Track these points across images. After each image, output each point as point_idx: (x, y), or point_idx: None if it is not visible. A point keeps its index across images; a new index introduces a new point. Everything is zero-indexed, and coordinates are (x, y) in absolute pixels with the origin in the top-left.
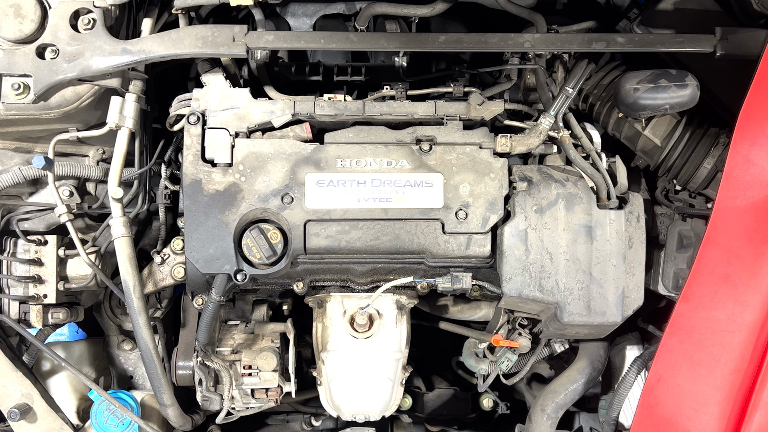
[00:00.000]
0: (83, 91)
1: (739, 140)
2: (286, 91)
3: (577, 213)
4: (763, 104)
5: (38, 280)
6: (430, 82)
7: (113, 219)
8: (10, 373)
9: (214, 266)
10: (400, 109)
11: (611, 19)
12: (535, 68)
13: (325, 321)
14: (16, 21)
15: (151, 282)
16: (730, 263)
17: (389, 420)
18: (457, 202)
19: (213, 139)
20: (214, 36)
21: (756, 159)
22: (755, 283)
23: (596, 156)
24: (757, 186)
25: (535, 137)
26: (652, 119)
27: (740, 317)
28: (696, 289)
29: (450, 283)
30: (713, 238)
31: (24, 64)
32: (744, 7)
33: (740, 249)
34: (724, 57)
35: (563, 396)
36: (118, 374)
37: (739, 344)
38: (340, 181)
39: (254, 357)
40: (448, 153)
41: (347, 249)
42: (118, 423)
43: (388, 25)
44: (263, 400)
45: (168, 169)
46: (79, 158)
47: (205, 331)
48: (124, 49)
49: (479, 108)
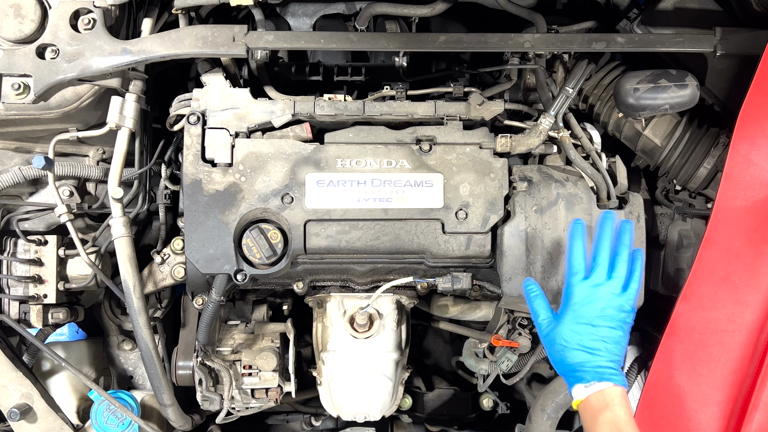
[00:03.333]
0: (83, 91)
1: (739, 140)
2: (286, 91)
3: (577, 213)
4: (763, 104)
5: (38, 280)
6: (430, 82)
7: (113, 219)
8: (10, 373)
9: (214, 266)
10: (400, 109)
11: (611, 19)
12: (535, 68)
13: (325, 321)
14: (16, 21)
15: (151, 282)
16: (730, 263)
17: (389, 420)
18: (457, 202)
19: (213, 139)
20: (214, 36)
21: (756, 159)
22: (755, 283)
23: (596, 156)
24: (757, 186)
25: (535, 137)
26: (652, 119)
27: (740, 317)
28: (696, 289)
29: (450, 283)
30: (713, 238)
31: (24, 64)
32: (744, 7)
33: (740, 249)
34: (724, 57)
35: (563, 396)
36: (118, 374)
37: (739, 344)
38: (340, 181)
39: (254, 357)
40: (448, 153)
41: (347, 249)
42: (118, 423)
43: (388, 25)
44: (263, 400)
45: (168, 169)
46: (79, 158)
47: (205, 331)
48: (124, 49)
49: (479, 108)
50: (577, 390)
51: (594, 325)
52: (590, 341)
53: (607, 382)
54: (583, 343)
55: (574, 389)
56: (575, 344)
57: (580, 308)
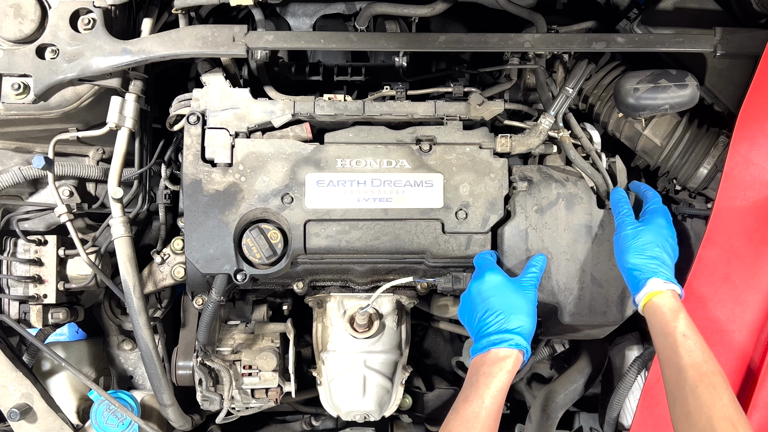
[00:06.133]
0: (83, 91)
1: (739, 140)
2: (286, 91)
3: (577, 213)
4: (762, 104)
5: (38, 280)
6: (430, 82)
7: (113, 219)
8: (10, 373)
9: (214, 266)
10: (400, 109)
11: (611, 19)
12: (535, 68)
13: (325, 321)
14: (16, 21)
15: (151, 282)
16: (730, 263)
17: (389, 420)
18: (457, 202)
19: (213, 139)
20: (214, 36)
21: (756, 159)
22: (755, 283)
23: (596, 156)
24: (757, 186)
25: (535, 137)
26: (652, 119)
27: (740, 317)
28: (696, 289)
29: (450, 283)
30: (713, 238)
31: (24, 64)
32: (744, 7)
33: (740, 249)
34: (724, 57)
35: (563, 396)
36: (118, 374)
37: (739, 344)
38: (340, 181)
39: (254, 357)
40: (448, 153)
41: (347, 249)
42: (118, 423)
43: (388, 25)
44: (263, 400)
45: (168, 169)
46: (79, 158)
47: (205, 331)
48: (124, 49)
49: (479, 108)
50: (656, 283)
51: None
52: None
53: (677, 285)
54: (666, 248)
55: (652, 282)
56: (661, 245)
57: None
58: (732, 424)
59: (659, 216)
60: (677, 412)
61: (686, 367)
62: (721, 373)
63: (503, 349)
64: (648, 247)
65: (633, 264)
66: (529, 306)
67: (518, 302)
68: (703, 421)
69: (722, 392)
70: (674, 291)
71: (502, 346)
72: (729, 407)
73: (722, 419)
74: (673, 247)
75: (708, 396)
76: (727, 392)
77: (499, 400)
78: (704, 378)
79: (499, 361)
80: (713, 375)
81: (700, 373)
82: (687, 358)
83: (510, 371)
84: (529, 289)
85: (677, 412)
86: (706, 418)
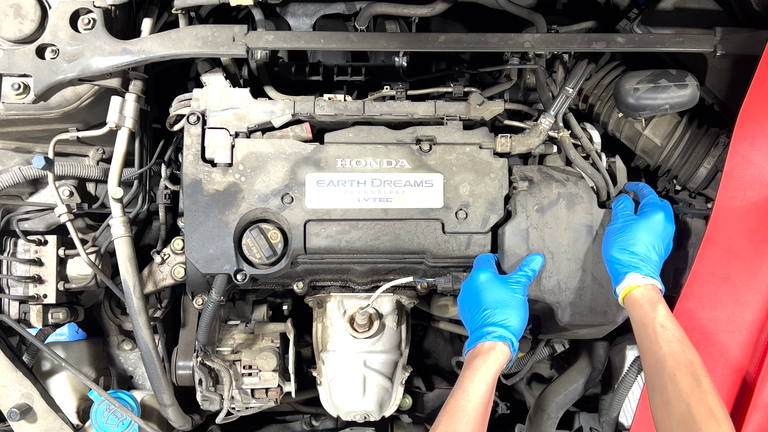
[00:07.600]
0: (83, 91)
1: (739, 140)
2: (286, 91)
3: (578, 212)
4: (762, 104)
5: (38, 280)
6: (430, 82)
7: (113, 219)
8: (10, 373)
9: (214, 266)
10: (400, 109)
11: (611, 19)
12: (535, 68)
13: (325, 321)
14: (16, 21)
15: (151, 282)
16: (730, 263)
17: (389, 420)
18: (457, 202)
19: (213, 139)
20: (214, 36)
21: (756, 159)
22: (755, 283)
23: (596, 156)
24: (757, 186)
25: (535, 137)
26: (652, 119)
27: (740, 317)
28: (696, 289)
29: (450, 283)
30: (713, 238)
31: (24, 64)
32: (744, 7)
33: (740, 249)
34: (724, 57)
35: (563, 396)
36: (118, 374)
37: (739, 344)
38: (340, 181)
39: (254, 357)
40: (448, 153)
41: (347, 249)
42: (118, 423)
43: (388, 25)
44: (263, 400)
45: (168, 169)
46: (79, 158)
47: (205, 331)
48: (124, 49)
49: (479, 108)
50: (634, 278)
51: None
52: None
53: (657, 280)
54: (653, 243)
55: (631, 276)
56: (646, 240)
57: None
58: (710, 411)
59: (654, 211)
60: (657, 401)
61: (665, 357)
62: (699, 362)
63: (488, 342)
64: (633, 243)
65: (615, 258)
66: (515, 301)
67: (504, 297)
68: (681, 408)
69: (701, 381)
70: (654, 285)
71: (487, 339)
72: (707, 395)
73: (700, 406)
74: (666, 243)
75: (686, 384)
76: (705, 380)
77: (485, 393)
78: (682, 367)
79: (484, 353)
80: (691, 364)
81: (678, 363)
82: (666, 348)
83: (494, 363)
84: (517, 284)
85: (657, 401)
86: (684, 405)
